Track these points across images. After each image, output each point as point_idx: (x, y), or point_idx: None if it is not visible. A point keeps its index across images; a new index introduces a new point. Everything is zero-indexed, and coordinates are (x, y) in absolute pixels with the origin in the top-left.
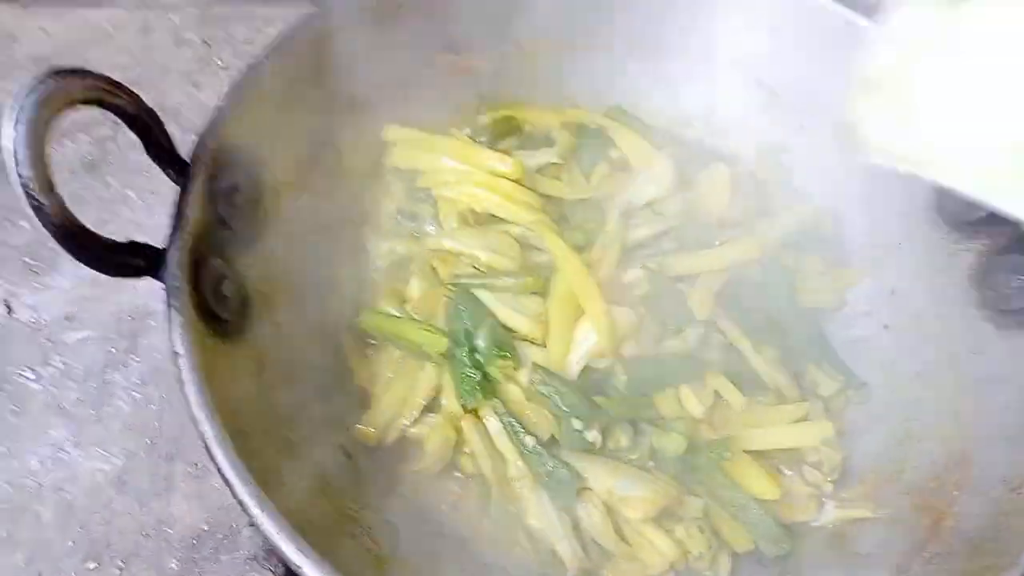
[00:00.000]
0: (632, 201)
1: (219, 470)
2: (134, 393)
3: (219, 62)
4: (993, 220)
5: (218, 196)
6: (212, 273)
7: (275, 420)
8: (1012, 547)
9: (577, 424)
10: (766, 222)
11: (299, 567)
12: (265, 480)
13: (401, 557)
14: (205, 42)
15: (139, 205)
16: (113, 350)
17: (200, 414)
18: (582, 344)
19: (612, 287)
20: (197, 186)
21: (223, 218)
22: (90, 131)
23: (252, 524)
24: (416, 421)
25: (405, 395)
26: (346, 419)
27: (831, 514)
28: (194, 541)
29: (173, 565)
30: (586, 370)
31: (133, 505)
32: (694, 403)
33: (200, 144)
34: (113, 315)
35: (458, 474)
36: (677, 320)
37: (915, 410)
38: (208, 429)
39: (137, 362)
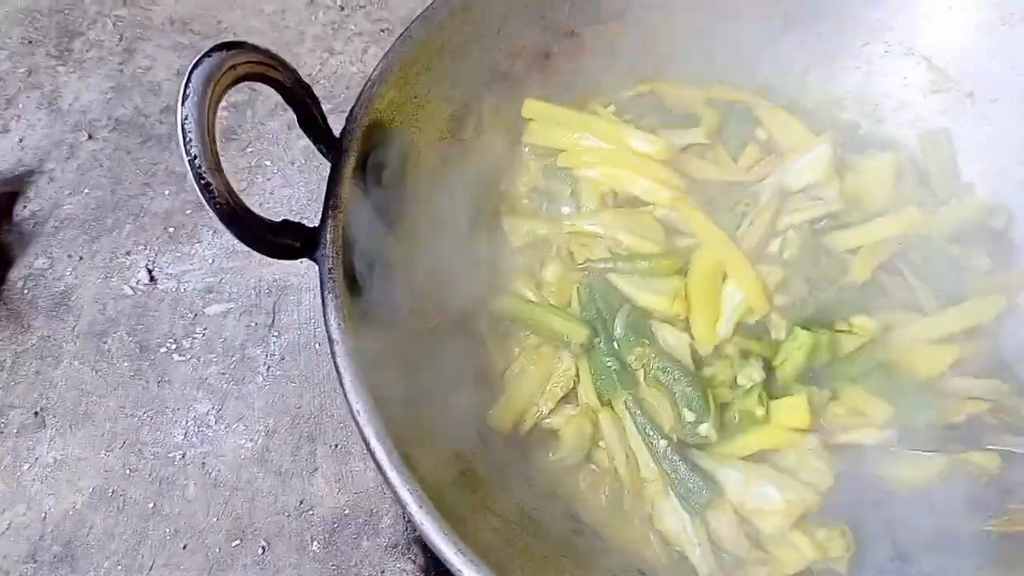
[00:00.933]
0: (786, 185)
1: (371, 454)
2: (274, 370)
3: (353, 28)
4: None
5: (367, 174)
6: (363, 254)
7: (415, 404)
8: None
9: (689, 416)
10: (931, 213)
11: (442, 552)
12: (408, 463)
13: (533, 545)
14: (340, 6)
15: (275, 173)
16: (253, 324)
17: (357, 403)
18: (728, 305)
19: (758, 254)
20: (349, 163)
21: (371, 196)
22: (227, 96)
23: (395, 510)
24: (552, 411)
25: (541, 384)
26: (482, 406)
27: None
28: (335, 525)
29: (315, 548)
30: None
31: (276, 484)
32: (866, 322)
33: (351, 119)
34: (253, 288)
35: (594, 467)
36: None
37: None
38: (363, 414)
39: (276, 337)
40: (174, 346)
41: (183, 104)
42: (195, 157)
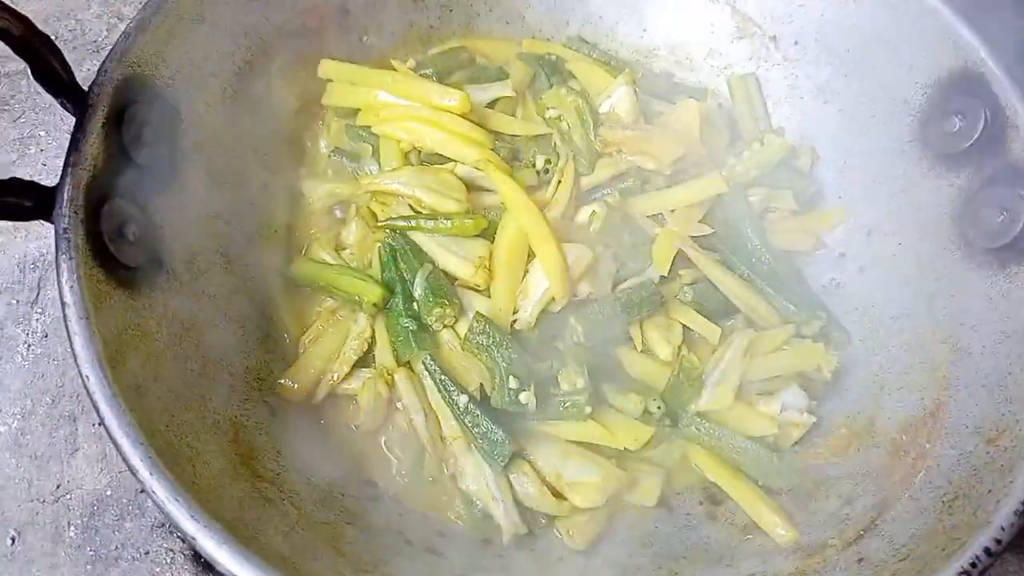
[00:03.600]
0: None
1: (107, 430)
2: (35, 348)
3: None
4: (980, 150)
5: (124, 129)
6: (115, 216)
7: (188, 376)
8: (985, 504)
9: (513, 383)
10: (735, 157)
11: (193, 537)
12: (168, 442)
13: (325, 520)
14: None
15: (50, 144)
16: (14, 302)
17: (89, 369)
18: (534, 292)
19: (566, 226)
20: (96, 118)
21: (129, 154)
22: (2, 66)
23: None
24: (348, 376)
25: (335, 348)
26: (271, 375)
27: None
28: (96, 508)
29: (72, 534)
30: (542, 315)
31: (30, 469)
32: (661, 345)
33: (101, 72)
34: (17, 264)
35: (393, 430)
36: (637, 257)
37: (890, 358)
38: (96, 384)
39: (40, 314)
40: None
41: None
42: None
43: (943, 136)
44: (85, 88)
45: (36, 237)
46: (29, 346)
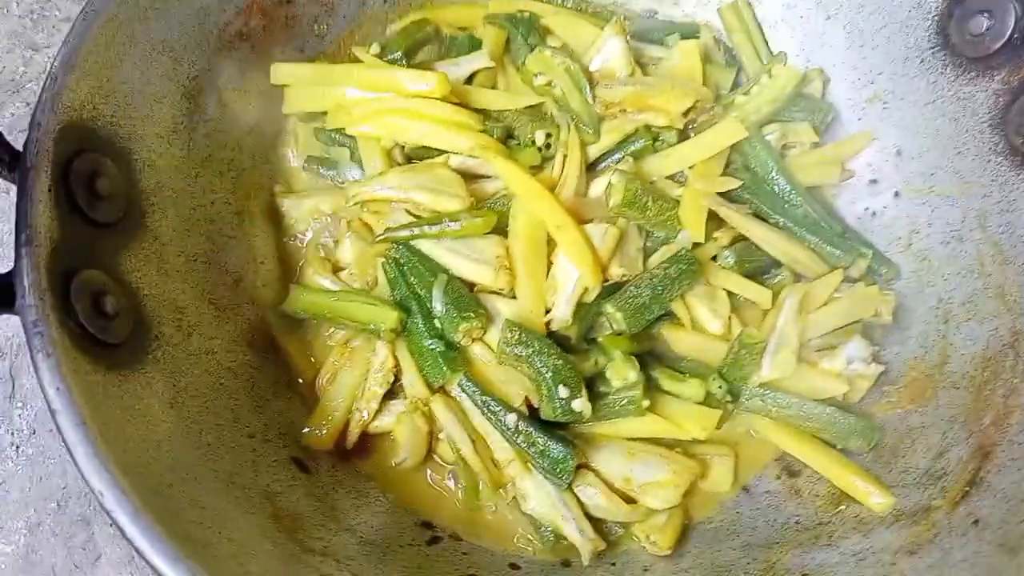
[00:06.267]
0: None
1: (135, 549)
2: (25, 448)
3: (58, 13)
4: (1014, 48)
5: (73, 187)
6: (86, 290)
7: (205, 452)
8: None
9: (563, 391)
10: (744, 95)
11: None
12: (203, 541)
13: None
14: None
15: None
16: None
17: (99, 482)
18: (564, 285)
19: (582, 204)
20: (41, 182)
21: (86, 214)
22: None
23: None
24: (378, 413)
25: (357, 384)
26: (293, 426)
27: None
28: None
29: None
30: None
31: None
32: (710, 319)
33: (33, 126)
34: None
35: (440, 462)
36: (665, 225)
37: (950, 286)
38: (114, 500)
39: (20, 408)
40: None
41: None
42: None
43: (969, 39)
44: (19, 147)
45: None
46: (17, 447)
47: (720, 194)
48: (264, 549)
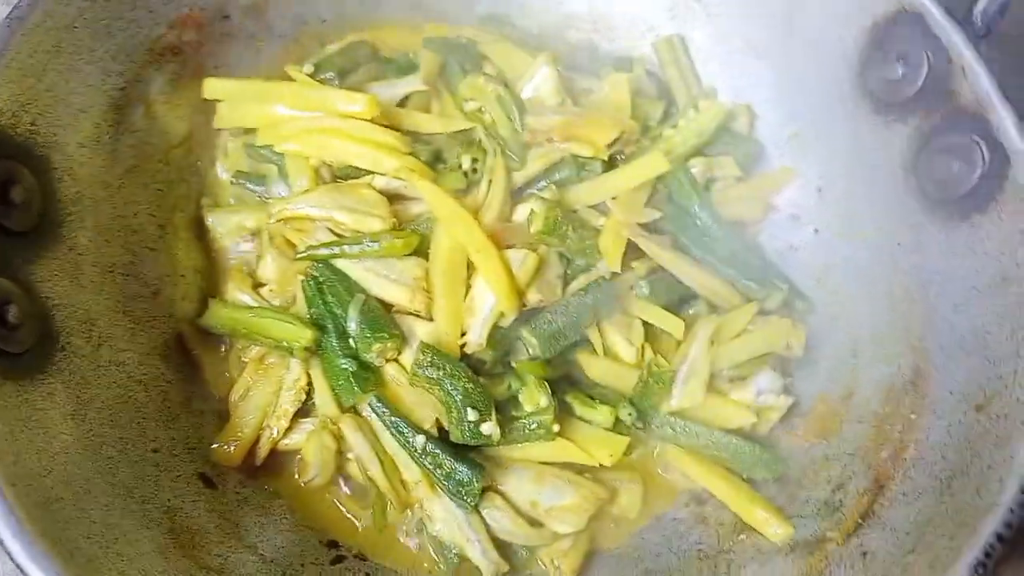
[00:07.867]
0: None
1: (15, 563)
2: None
3: None
4: (926, 96)
5: None
6: None
7: (105, 466)
8: (988, 482)
9: (472, 415)
10: (671, 128)
11: None
12: (90, 557)
13: None
14: None
15: None
16: None
17: None
18: (480, 309)
19: (503, 230)
20: None
21: None
22: None
23: None
24: (288, 430)
25: (269, 401)
26: (202, 442)
27: None
28: None
29: None
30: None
31: None
32: (624, 346)
33: None
34: None
35: (348, 484)
36: (584, 253)
37: (859, 324)
38: None
39: None
40: None
41: None
42: None
43: (886, 84)
44: None
45: None
46: None
47: (642, 225)
48: (155, 565)
